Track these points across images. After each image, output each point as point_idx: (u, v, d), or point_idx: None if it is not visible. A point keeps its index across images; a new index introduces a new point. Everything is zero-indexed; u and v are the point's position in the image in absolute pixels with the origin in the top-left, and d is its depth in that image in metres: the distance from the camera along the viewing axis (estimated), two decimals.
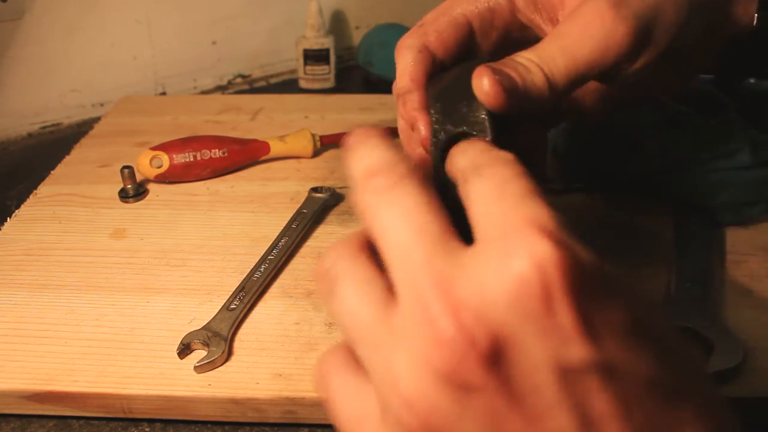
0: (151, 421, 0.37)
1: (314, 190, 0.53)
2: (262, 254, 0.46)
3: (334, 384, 0.22)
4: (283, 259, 0.46)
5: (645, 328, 0.19)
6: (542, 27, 0.35)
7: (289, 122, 0.69)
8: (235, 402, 0.36)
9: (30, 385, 0.37)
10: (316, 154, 0.61)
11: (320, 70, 0.86)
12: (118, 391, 0.36)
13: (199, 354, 0.38)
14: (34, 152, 0.71)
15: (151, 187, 0.56)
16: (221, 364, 0.38)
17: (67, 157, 0.62)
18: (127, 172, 0.54)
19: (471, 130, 0.28)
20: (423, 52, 0.34)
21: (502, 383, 0.18)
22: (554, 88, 0.30)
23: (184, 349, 0.38)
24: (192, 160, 0.56)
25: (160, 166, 0.55)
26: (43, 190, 0.56)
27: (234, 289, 0.43)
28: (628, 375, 0.18)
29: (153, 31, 0.81)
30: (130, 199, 0.54)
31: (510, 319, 0.18)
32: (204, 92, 0.87)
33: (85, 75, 0.78)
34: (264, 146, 0.59)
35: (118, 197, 0.55)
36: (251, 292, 0.43)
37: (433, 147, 0.29)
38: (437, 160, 0.29)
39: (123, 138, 0.65)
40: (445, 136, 0.29)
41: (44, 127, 0.76)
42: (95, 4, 0.75)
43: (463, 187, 0.22)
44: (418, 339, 0.18)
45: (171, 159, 0.55)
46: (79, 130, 0.73)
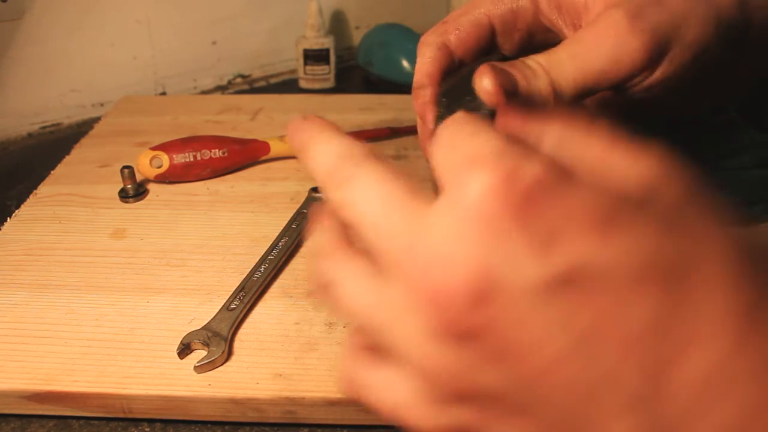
0: (151, 421, 0.37)
1: (314, 190, 0.53)
2: (262, 254, 0.46)
3: (365, 381, 0.22)
4: (283, 259, 0.46)
5: (621, 214, 0.17)
6: (564, 31, 0.34)
7: (289, 122, 0.69)
8: (235, 402, 0.36)
9: (30, 385, 0.37)
10: None
11: (320, 70, 0.86)
12: (118, 391, 0.36)
13: (199, 354, 0.38)
14: (34, 152, 0.71)
15: (151, 187, 0.56)
16: (221, 364, 0.38)
17: (67, 157, 0.62)
18: (127, 172, 0.54)
19: None
20: (442, 50, 0.35)
21: (492, 322, 0.18)
22: (560, 95, 0.30)
23: (184, 349, 0.38)
24: (192, 160, 0.56)
25: (160, 166, 0.55)
26: (43, 190, 0.56)
27: (234, 289, 0.43)
28: (607, 271, 0.17)
29: (153, 31, 0.81)
30: (130, 199, 0.54)
31: (476, 260, 0.18)
32: (204, 92, 0.87)
33: (85, 75, 0.78)
34: (264, 146, 0.59)
35: (118, 197, 0.55)
36: (251, 292, 0.43)
37: None
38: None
39: (123, 138, 0.65)
40: None
41: (44, 127, 0.76)
42: (95, 4, 0.75)
43: (430, 159, 0.22)
44: (408, 306, 0.19)
45: (171, 159, 0.55)
46: (79, 130, 0.73)
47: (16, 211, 0.53)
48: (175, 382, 0.37)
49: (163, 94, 0.84)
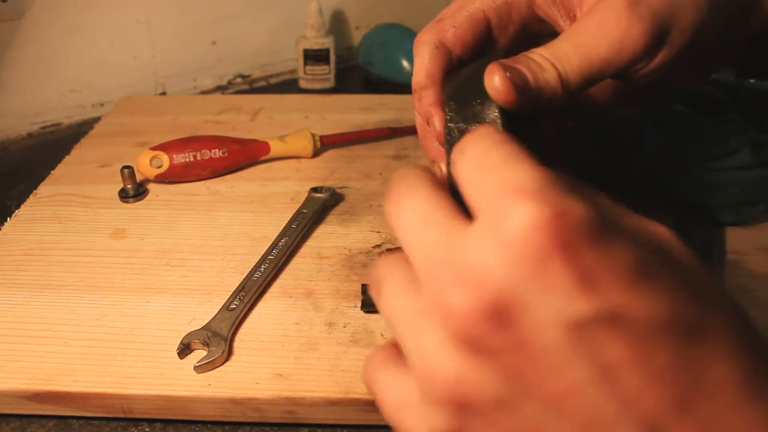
0: (151, 421, 0.37)
1: (314, 190, 0.53)
2: (262, 254, 0.46)
3: (377, 377, 0.23)
4: (283, 259, 0.46)
5: (652, 268, 0.19)
6: (560, 22, 0.35)
7: (289, 122, 0.69)
8: (235, 402, 0.36)
9: (30, 385, 0.37)
10: (316, 154, 0.61)
11: (320, 70, 0.86)
12: (118, 391, 0.36)
13: (199, 354, 0.38)
14: (34, 152, 0.71)
15: (151, 187, 0.56)
16: (221, 364, 0.38)
17: (67, 157, 0.62)
18: (127, 172, 0.54)
19: None
20: (440, 48, 0.35)
21: (515, 343, 0.19)
22: (567, 86, 0.30)
23: (184, 349, 0.38)
24: (192, 160, 0.56)
25: (160, 166, 0.55)
26: (43, 190, 0.56)
27: (234, 289, 0.43)
28: (640, 318, 0.18)
29: (153, 31, 0.81)
30: (130, 199, 0.54)
31: (511, 283, 0.18)
32: (204, 92, 0.87)
33: (85, 75, 0.78)
34: (264, 146, 0.59)
35: (118, 197, 0.55)
36: (251, 292, 0.43)
37: (447, 143, 0.30)
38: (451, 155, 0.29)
39: (123, 138, 0.65)
40: (458, 133, 0.29)
41: (44, 127, 0.76)
42: (95, 4, 0.75)
43: (453, 170, 0.23)
44: (436, 316, 0.20)
45: (171, 159, 0.55)
46: (79, 130, 0.73)
47: (16, 211, 0.53)
48: (175, 382, 0.37)
49: (163, 94, 0.84)
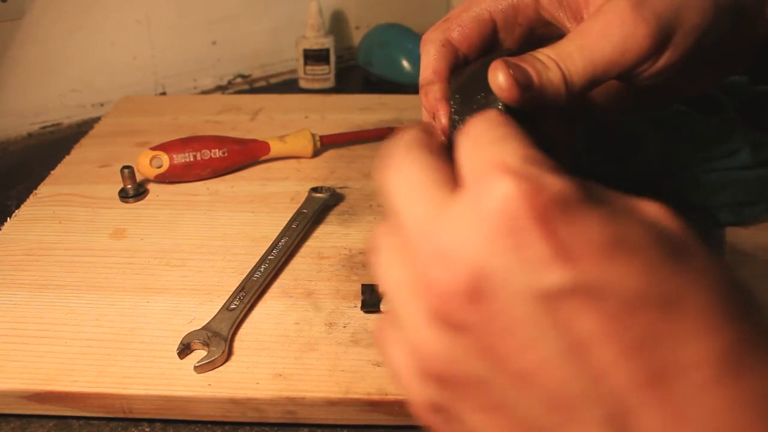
0: (151, 421, 0.37)
1: (314, 190, 0.53)
2: (262, 254, 0.46)
3: (384, 340, 0.23)
4: (283, 259, 0.46)
5: (631, 243, 0.18)
6: (566, 24, 0.35)
7: (289, 122, 0.69)
8: (235, 402, 0.36)
9: (30, 385, 0.37)
10: (316, 154, 0.62)
11: (320, 70, 0.86)
12: (118, 391, 0.36)
13: (199, 354, 0.38)
14: (34, 152, 0.71)
15: (151, 187, 0.56)
16: (221, 364, 0.38)
17: (67, 157, 0.62)
18: (127, 172, 0.54)
19: None
20: (446, 46, 0.36)
21: (488, 318, 0.18)
22: (571, 87, 0.30)
23: (184, 349, 0.38)
24: (192, 160, 0.56)
25: (160, 166, 0.55)
26: (43, 190, 0.56)
27: (234, 289, 0.43)
28: (614, 292, 0.18)
29: (153, 31, 0.81)
30: (130, 199, 0.54)
31: (486, 257, 0.18)
32: (204, 92, 0.87)
33: (85, 75, 0.78)
34: (264, 146, 0.59)
35: (118, 197, 0.55)
36: (251, 292, 0.43)
37: (451, 136, 0.31)
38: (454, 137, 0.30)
39: (123, 138, 0.65)
40: (462, 125, 0.30)
41: (44, 127, 0.76)
42: (95, 4, 0.75)
43: (455, 153, 0.23)
44: (419, 288, 0.20)
45: (171, 159, 0.55)
46: (79, 130, 0.73)
47: (16, 211, 0.53)
48: (175, 382, 0.37)
49: (163, 94, 0.84)
